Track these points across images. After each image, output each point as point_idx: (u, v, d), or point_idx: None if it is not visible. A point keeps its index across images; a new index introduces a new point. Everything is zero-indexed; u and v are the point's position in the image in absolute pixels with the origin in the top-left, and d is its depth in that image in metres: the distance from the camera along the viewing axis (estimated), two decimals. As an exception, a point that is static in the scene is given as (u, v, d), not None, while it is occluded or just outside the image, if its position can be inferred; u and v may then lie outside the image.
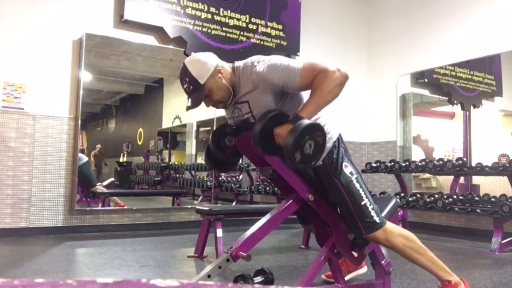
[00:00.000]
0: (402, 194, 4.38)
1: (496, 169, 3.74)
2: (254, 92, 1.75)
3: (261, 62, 1.74)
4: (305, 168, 1.68)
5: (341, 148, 1.90)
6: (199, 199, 5.47)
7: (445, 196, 4.07)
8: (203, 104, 1.80)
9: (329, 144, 1.85)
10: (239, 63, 1.82)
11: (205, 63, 1.76)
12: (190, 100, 1.76)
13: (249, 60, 1.79)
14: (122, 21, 4.23)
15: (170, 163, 6.13)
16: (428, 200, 4.05)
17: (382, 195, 4.39)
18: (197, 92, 1.74)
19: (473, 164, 4.20)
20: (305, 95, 1.82)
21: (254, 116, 1.79)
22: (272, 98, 1.76)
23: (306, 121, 1.61)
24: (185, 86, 1.76)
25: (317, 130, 1.66)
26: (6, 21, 3.79)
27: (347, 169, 1.85)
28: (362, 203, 1.82)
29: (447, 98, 5.20)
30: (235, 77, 1.80)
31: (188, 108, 1.77)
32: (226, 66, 1.82)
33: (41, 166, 3.86)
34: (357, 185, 1.84)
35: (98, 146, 5.91)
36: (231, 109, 1.88)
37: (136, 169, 6.19)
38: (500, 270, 2.85)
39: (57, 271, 2.55)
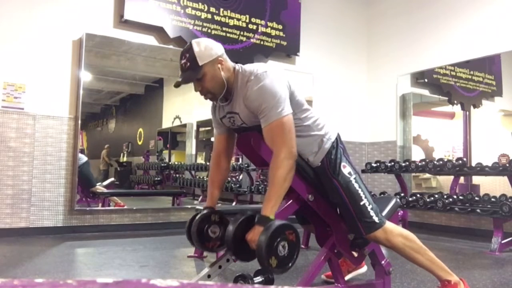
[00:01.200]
0: (402, 194, 4.38)
1: (496, 169, 3.74)
2: (242, 107, 1.74)
3: (253, 81, 1.69)
4: (284, 272, 1.65)
5: (340, 148, 1.89)
6: (199, 199, 5.47)
7: (445, 196, 4.07)
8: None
9: (327, 145, 1.85)
10: (240, 68, 1.79)
11: (211, 49, 1.74)
12: (181, 76, 1.74)
13: (248, 70, 1.74)
14: (122, 21, 4.23)
15: (170, 163, 6.13)
16: (428, 200, 4.05)
17: (382, 195, 4.39)
18: (192, 71, 1.71)
19: (473, 164, 4.20)
20: (305, 95, 1.81)
21: (248, 126, 1.80)
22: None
23: (274, 224, 1.58)
24: (182, 61, 1.73)
25: (287, 229, 1.61)
26: (6, 21, 3.79)
27: (346, 169, 1.85)
28: (361, 203, 1.82)
29: (447, 98, 5.20)
30: (233, 78, 1.78)
31: (177, 83, 1.74)
32: (229, 63, 1.80)
33: (41, 166, 3.86)
34: (355, 185, 1.84)
35: (107, 146, 6.02)
36: (227, 117, 1.85)
37: (136, 169, 6.20)
38: (500, 270, 2.85)
39: (57, 271, 2.55)
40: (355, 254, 2.07)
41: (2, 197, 3.69)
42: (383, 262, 2.09)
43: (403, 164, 4.46)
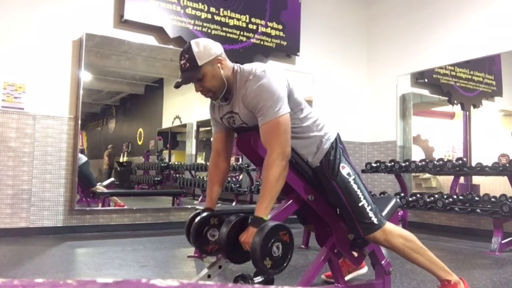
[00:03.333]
0: (402, 194, 4.38)
1: (496, 169, 3.74)
2: (242, 106, 1.74)
3: (252, 80, 1.69)
4: (278, 273, 1.66)
5: (339, 149, 1.89)
6: (199, 199, 5.47)
7: (445, 196, 4.06)
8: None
9: (326, 146, 1.85)
10: (238, 67, 1.79)
11: (210, 48, 1.74)
12: (181, 76, 1.75)
13: (246, 70, 1.75)
14: (122, 21, 4.23)
15: (170, 163, 6.13)
16: (428, 200, 4.05)
17: (382, 195, 4.39)
18: (191, 72, 1.72)
19: (473, 164, 4.20)
20: (305, 95, 1.81)
21: (248, 126, 1.80)
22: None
23: (268, 225, 1.58)
24: (182, 62, 1.73)
25: (281, 230, 1.62)
26: (6, 21, 3.79)
27: (344, 170, 1.85)
28: (360, 204, 1.82)
29: (447, 98, 5.20)
30: (233, 78, 1.78)
31: (177, 84, 1.75)
32: (228, 62, 1.80)
33: (41, 166, 3.86)
34: (354, 186, 1.84)
35: (110, 146, 6.07)
36: (227, 117, 1.85)
37: (136, 169, 6.20)
38: (500, 270, 2.85)
39: (57, 271, 2.55)
40: (355, 254, 2.07)
41: (2, 197, 3.69)
42: (383, 262, 2.09)
43: (403, 164, 4.46)
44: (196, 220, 1.83)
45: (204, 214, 1.85)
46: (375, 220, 1.83)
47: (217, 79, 1.74)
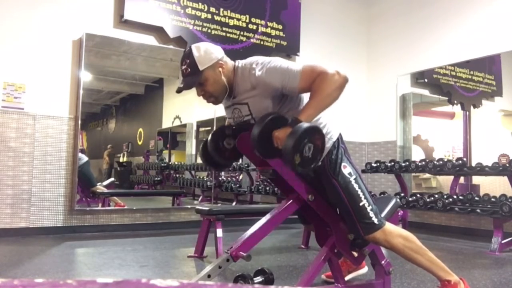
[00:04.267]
0: (402, 194, 4.38)
1: (496, 169, 3.74)
2: (253, 95, 1.75)
3: (259, 65, 1.73)
4: (305, 171, 1.66)
5: (341, 148, 1.89)
6: (199, 199, 5.47)
7: (445, 196, 4.06)
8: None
9: (328, 145, 1.85)
10: (239, 63, 1.82)
11: (211, 53, 1.76)
12: (183, 82, 1.76)
13: (248, 61, 1.78)
14: (122, 21, 4.23)
15: (170, 163, 6.13)
16: (428, 200, 4.05)
17: (382, 195, 4.39)
18: (193, 76, 1.73)
19: (473, 164, 4.20)
20: (305, 96, 1.82)
21: (254, 118, 1.79)
22: (271, 101, 1.75)
23: (305, 124, 1.60)
24: (183, 67, 1.75)
25: (316, 133, 1.65)
26: (6, 21, 3.79)
27: (346, 169, 1.85)
28: (361, 204, 1.82)
29: (447, 98, 5.20)
30: (234, 77, 1.80)
31: (179, 89, 1.76)
32: (229, 64, 1.81)
33: (41, 166, 3.86)
34: (355, 186, 1.84)
35: (110, 146, 6.09)
36: (231, 109, 1.88)
37: (136, 169, 6.19)
38: (500, 270, 2.85)
39: (57, 271, 2.55)
40: (355, 254, 2.07)
41: (2, 197, 3.69)
42: (383, 262, 2.09)
43: (403, 164, 4.46)
44: (212, 132, 1.91)
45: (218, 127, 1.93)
46: (375, 220, 1.83)
47: (219, 84, 1.76)
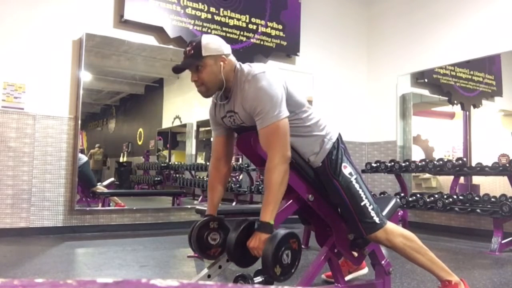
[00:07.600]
0: (402, 194, 4.38)
1: (496, 169, 3.74)
2: (240, 107, 1.74)
3: (250, 82, 1.69)
4: (287, 279, 1.67)
5: (341, 149, 1.89)
6: (199, 199, 5.47)
7: (445, 196, 4.06)
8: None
9: (328, 145, 1.85)
10: (240, 66, 1.79)
11: (218, 45, 1.76)
12: (182, 61, 1.75)
13: (246, 70, 1.74)
14: (122, 21, 4.23)
15: (170, 163, 6.13)
16: (428, 200, 4.05)
17: (382, 195, 4.39)
18: (193, 58, 1.72)
19: (473, 164, 4.20)
20: (305, 95, 1.80)
21: (248, 125, 1.79)
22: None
23: (279, 233, 1.60)
24: (187, 48, 1.74)
25: (291, 238, 1.65)
26: (6, 21, 3.79)
27: (346, 170, 1.85)
28: (362, 203, 1.82)
29: (447, 98, 5.20)
30: (233, 76, 1.78)
31: (175, 67, 1.75)
32: (232, 63, 1.79)
33: (41, 166, 3.86)
34: (356, 186, 1.84)
35: (97, 145, 6.09)
36: (227, 117, 1.85)
37: (136, 169, 6.20)
38: (500, 270, 2.85)
39: (57, 271, 2.55)
40: (355, 254, 2.07)
41: (2, 197, 3.69)
42: (383, 262, 2.09)
43: (403, 164, 4.46)
44: (196, 225, 1.84)
45: (204, 219, 1.85)
46: (377, 219, 1.83)
47: (215, 76, 1.74)
